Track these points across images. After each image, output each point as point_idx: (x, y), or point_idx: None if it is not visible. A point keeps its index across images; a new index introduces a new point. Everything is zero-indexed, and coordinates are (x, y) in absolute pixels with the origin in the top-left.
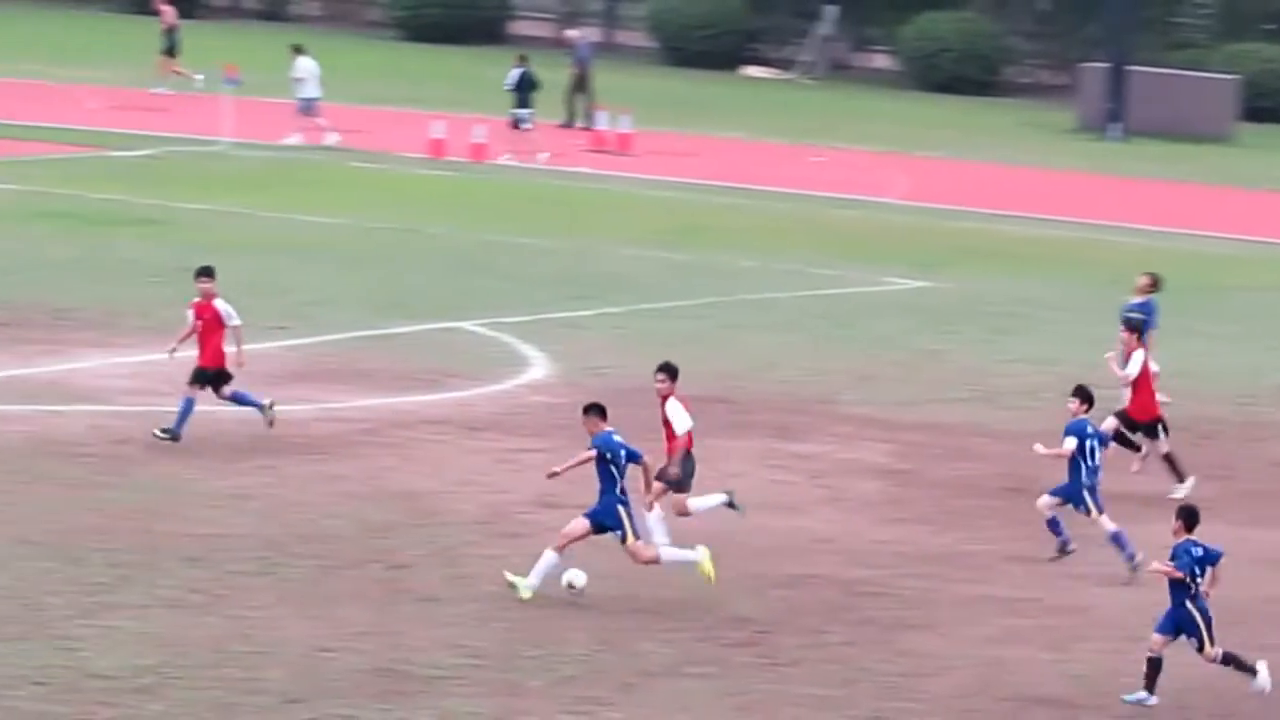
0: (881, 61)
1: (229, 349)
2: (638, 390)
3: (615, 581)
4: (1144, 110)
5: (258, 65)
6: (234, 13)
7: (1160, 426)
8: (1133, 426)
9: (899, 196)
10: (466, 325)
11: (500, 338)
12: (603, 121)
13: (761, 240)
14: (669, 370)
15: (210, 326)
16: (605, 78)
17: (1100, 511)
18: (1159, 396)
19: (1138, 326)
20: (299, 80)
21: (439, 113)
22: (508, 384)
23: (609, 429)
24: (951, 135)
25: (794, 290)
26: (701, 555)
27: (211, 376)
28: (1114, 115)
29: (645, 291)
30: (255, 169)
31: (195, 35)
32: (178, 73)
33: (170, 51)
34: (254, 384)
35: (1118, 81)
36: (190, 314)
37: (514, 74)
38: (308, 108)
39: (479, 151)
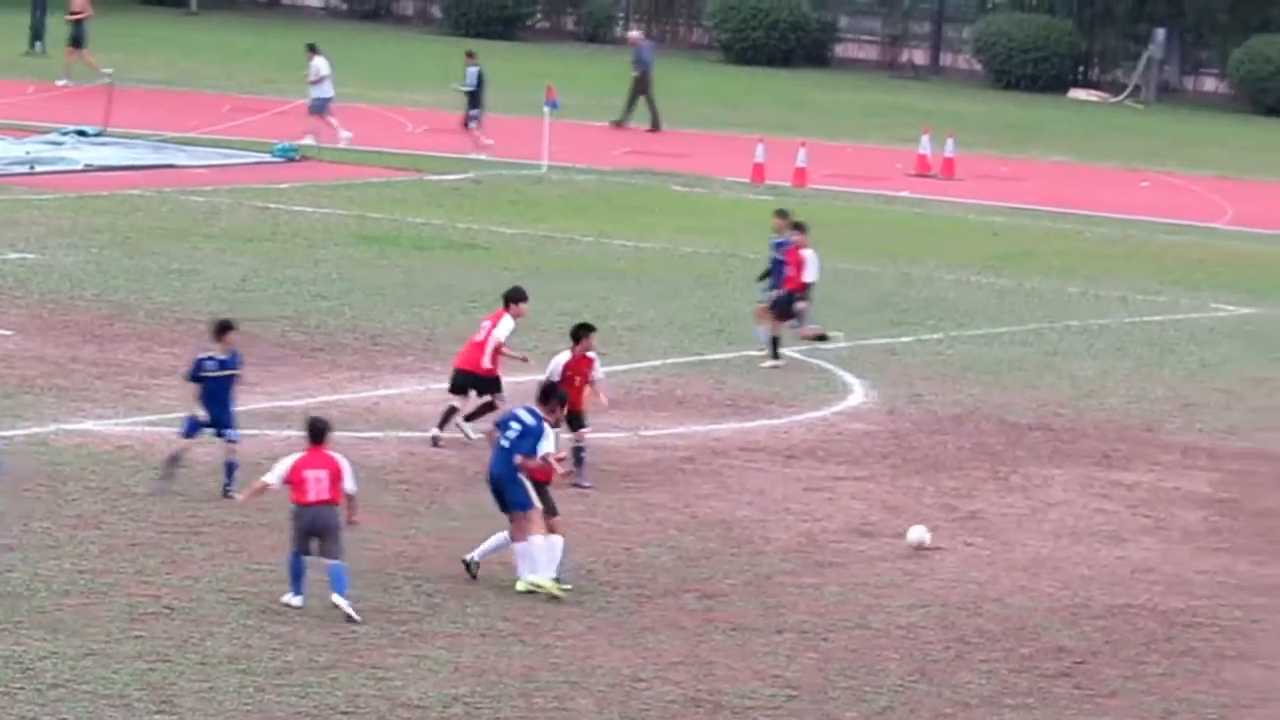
0: (1211, 84)
1: None
2: (955, 418)
3: (931, 610)
4: None
5: (579, 88)
6: (555, 34)
7: None
8: None
9: (1228, 222)
10: (785, 350)
11: (819, 363)
12: (926, 145)
13: (1087, 266)
14: None
15: None
16: (931, 101)
17: None
18: None
19: None
20: (316, 81)
21: (762, 136)
22: (825, 411)
23: None
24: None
25: (1119, 316)
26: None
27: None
28: None
29: (967, 317)
30: (575, 192)
31: (515, 57)
32: (87, 64)
33: (77, 42)
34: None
35: None
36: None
37: (471, 73)
38: (320, 107)
39: (801, 176)
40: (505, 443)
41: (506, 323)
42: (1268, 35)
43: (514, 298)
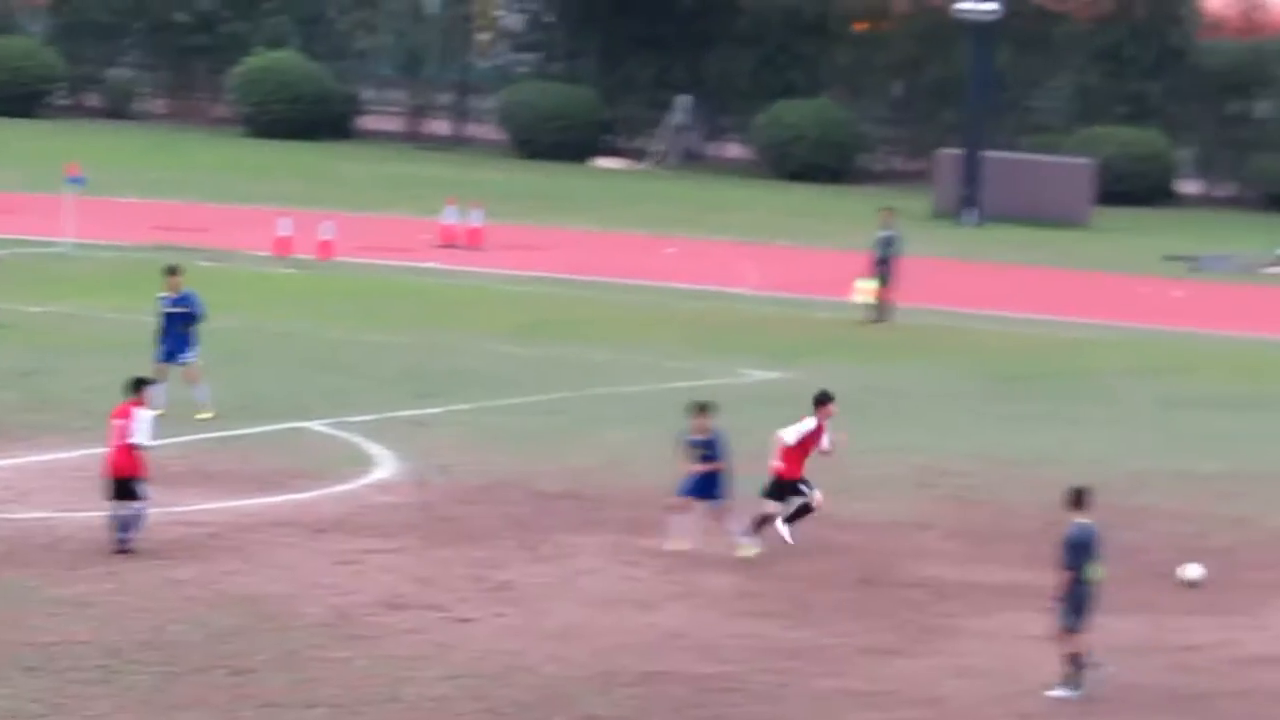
0: (735, 150)
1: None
2: (484, 488)
3: (463, 681)
4: (1000, 195)
5: (102, 163)
6: (78, 110)
7: None
8: None
9: (754, 287)
10: (313, 425)
11: (347, 437)
12: (452, 215)
13: (615, 333)
14: None
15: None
16: (456, 171)
17: None
18: None
19: None
20: None
21: (286, 209)
22: (353, 484)
23: None
24: (807, 224)
25: (647, 383)
26: None
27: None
28: (969, 201)
29: (496, 387)
30: (99, 269)
31: (37, 135)
32: None
33: None
34: (96, 489)
35: (972, 167)
36: None
37: None
38: None
39: (326, 248)
40: None
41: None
42: (788, 101)
43: None
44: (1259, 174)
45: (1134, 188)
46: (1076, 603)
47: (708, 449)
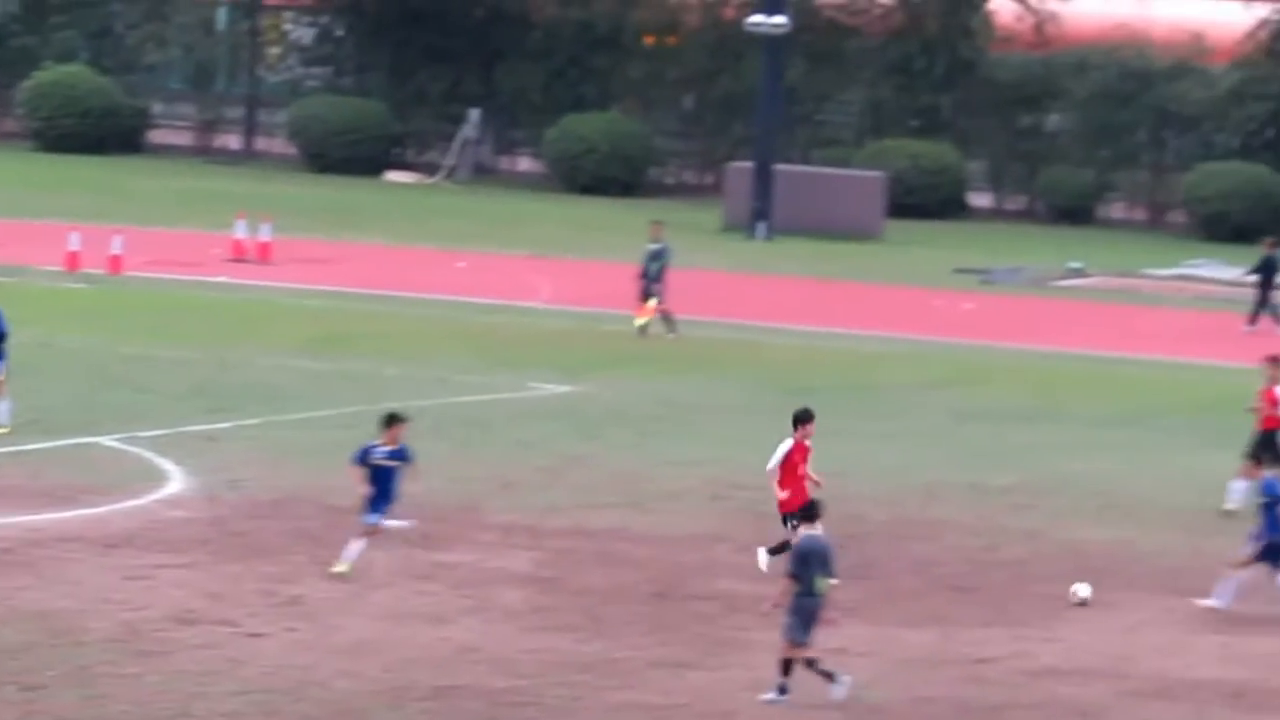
0: (526, 164)
1: None
2: (275, 503)
3: (254, 697)
4: (792, 209)
5: None
6: None
7: None
8: None
9: (544, 300)
10: (103, 440)
11: (138, 452)
12: (242, 230)
13: (406, 347)
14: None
15: None
16: (247, 186)
17: None
18: None
19: None
20: None
21: (76, 224)
22: (144, 499)
23: None
24: (597, 237)
25: (438, 398)
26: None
27: None
28: (760, 214)
29: (285, 402)
30: None
31: None
32: None
33: None
34: None
35: (763, 181)
36: None
37: None
38: None
39: (116, 263)
40: None
41: None
42: (579, 114)
43: None
44: (1050, 187)
45: (926, 201)
46: (804, 615)
47: (400, 459)
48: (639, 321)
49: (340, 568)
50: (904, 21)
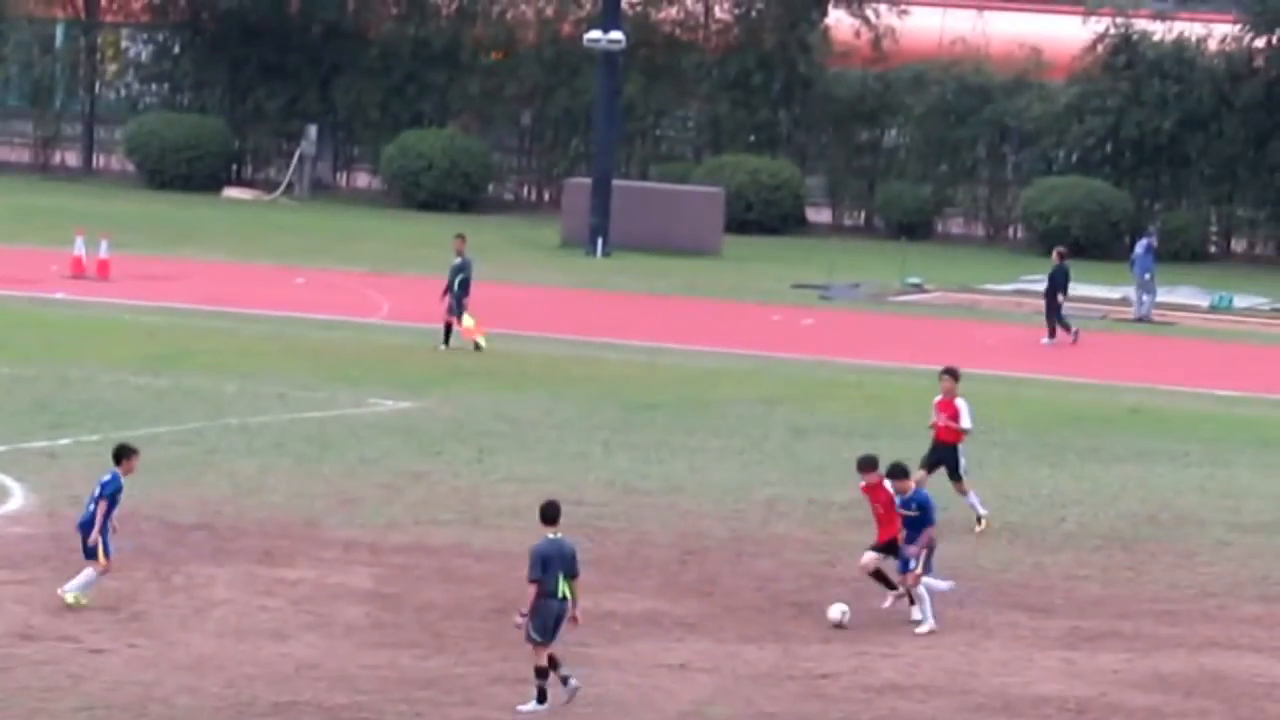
0: (365, 181)
1: None
2: (117, 519)
3: (96, 713)
4: (630, 225)
5: None
6: None
7: None
8: None
9: (383, 317)
10: None
11: None
12: (80, 246)
13: (245, 364)
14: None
15: None
16: (85, 203)
17: None
18: None
19: None
20: None
21: None
22: None
23: None
24: (435, 253)
25: (278, 414)
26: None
27: None
28: (598, 230)
29: (125, 418)
30: None
31: None
32: None
33: None
34: None
35: (601, 197)
36: None
37: None
38: None
39: None
40: None
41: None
42: (418, 131)
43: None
44: (887, 202)
45: (764, 216)
46: (544, 617)
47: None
48: (478, 340)
49: (76, 597)
50: (741, 37)
